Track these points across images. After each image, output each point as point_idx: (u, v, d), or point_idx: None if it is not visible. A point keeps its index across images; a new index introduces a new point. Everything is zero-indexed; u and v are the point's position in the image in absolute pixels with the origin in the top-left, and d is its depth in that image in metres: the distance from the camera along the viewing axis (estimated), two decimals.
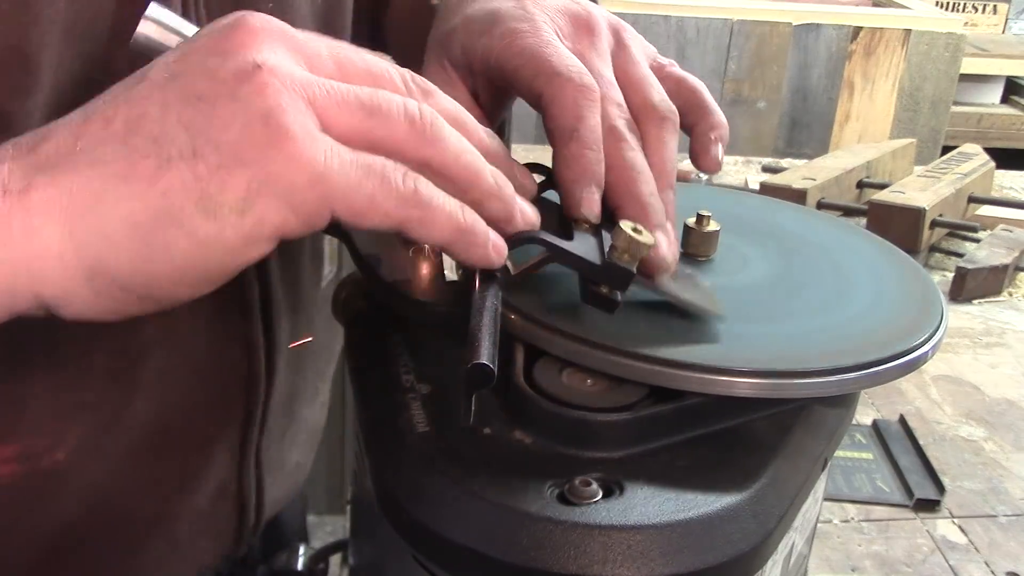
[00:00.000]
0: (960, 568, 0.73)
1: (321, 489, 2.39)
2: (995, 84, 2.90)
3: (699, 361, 0.44)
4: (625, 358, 0.44)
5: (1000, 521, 0.79)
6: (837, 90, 2.20)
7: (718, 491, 0.41)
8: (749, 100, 2.18)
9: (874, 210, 1.23)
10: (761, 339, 0.48)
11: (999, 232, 1.27)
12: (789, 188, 1.26)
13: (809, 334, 0.49)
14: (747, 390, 0.44)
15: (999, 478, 0.85)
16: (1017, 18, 3.24)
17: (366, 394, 0.48)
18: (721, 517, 0.39)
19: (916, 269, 0.57)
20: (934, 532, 0.77)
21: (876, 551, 0.75)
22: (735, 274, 0.54)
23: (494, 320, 0.42)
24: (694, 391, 0.44)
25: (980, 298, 1.18)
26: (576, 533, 0.38)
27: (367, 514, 0.50)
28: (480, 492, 0.39)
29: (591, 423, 0.42)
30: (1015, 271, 1.21)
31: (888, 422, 0.91)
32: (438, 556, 0.41)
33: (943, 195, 1.26)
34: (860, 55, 2.18)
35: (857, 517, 0.79)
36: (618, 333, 0.46)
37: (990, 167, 1.43)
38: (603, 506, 0.39)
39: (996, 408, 0.96)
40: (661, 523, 0.38)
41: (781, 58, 2.16)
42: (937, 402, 0.96)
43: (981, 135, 2.68)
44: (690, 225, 0.55)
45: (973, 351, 1.06)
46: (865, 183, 1.39)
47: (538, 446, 0.43)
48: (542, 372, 0.45)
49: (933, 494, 0.81)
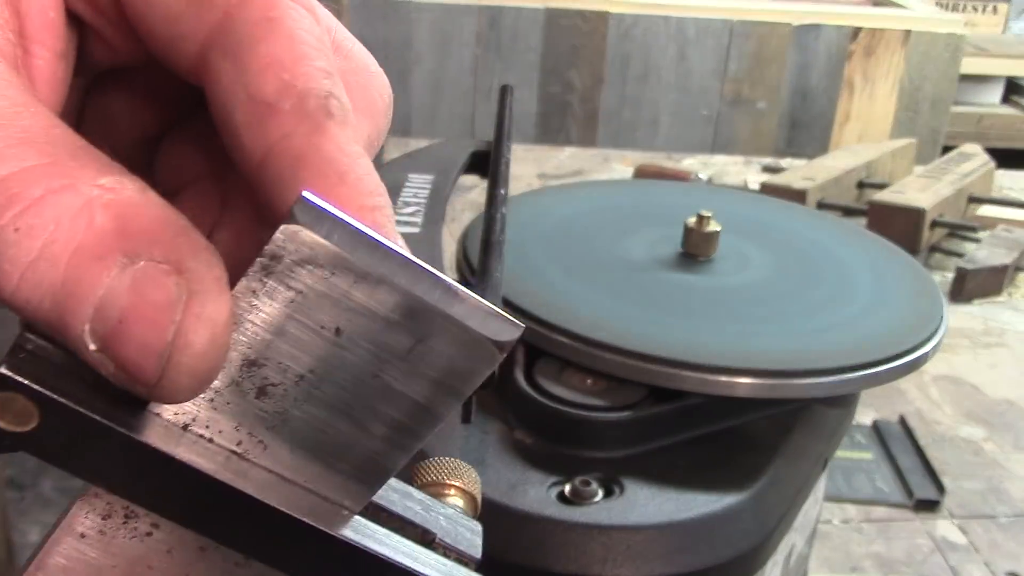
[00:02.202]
0: (960, 568, 0.73)
1: None
2: (995, 84, 2.90)
3: (699, 361, 0.44)
4: (625, 358, 0.44)
5: (1000, 521, 0.79)
6: (837, 90, 2.20)
7: (718, 491, 0.41)
8: (749, 100, 2.18)
9: (874, 210, 1.24)
10: (761, 339, 0.48)
11: (999, 232, 1.27)
12: (789, 188, 1.26)
13: (809, 334, 0.49)
14: (747, 390, 0.44)
15: (999, 478, 0.85)
16: (1017, 18, 3.24)
17: None
18: (721, 517, 0.39)
19: (916, 269, 0.57)
20: (934, 532, 0.77)
21: (876, 551, 0.75)
22: (735, 274, 0.54)
23: None
24: (694, 391, 0.44)
25: (980, 298, 1.18)
26: (576, 533, 0.38)
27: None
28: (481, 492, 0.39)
29: (591, 423, 0.42)
30: (1015, 271, 1.21)
31: (888, 422, 0.91)
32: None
33: (943, 195, 1.26)
34: (860, 55, 2.18)
35: (857, 517, 0.79)
36: (620, 333, 0.46)
37: (990, 167, 1.43)
38: (603, 506, 0.39)
39: (996, 408, 0.96)
40: (661, 523, 0.39)
41: (781, 58, 2.16)
42: (937, 402, 0.96)
43: (981, 135, 2.67)
44: (690, 225, 0.55)
45: (973, 351, 1.06)
46: (865, 183, 1.39)
47: (538, 446, 0.43)
48: (542, 372, 0.45)
49: (933, 494, 0.81)
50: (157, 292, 0.18)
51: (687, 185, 1.19)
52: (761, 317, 0.51)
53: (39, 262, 0.18)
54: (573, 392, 0.44)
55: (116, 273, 0.18)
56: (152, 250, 0.18)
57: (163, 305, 0.18)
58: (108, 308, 0.18)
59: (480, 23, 2.02)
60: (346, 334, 0.20)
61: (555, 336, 0.46)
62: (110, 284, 0.18)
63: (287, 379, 0.21)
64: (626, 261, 0.55)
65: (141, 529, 0.21)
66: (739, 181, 1.48)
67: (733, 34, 2.13)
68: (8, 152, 0.18)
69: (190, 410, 0.21)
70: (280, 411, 0.21)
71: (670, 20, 2.11)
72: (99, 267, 0.18)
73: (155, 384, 0.18)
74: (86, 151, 0.19)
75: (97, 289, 0.18)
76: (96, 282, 0.18)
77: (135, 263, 0.18)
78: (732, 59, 2.15)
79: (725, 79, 2.16)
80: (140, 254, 0.18)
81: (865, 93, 2.21)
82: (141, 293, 0.18)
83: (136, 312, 0.18)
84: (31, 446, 0.19)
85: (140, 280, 0.18)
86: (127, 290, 0.18)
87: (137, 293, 0.18)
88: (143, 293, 0.18)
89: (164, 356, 0.18)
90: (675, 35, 2.12)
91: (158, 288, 0.18)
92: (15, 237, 0.17)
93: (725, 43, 2.14)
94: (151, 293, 0.18)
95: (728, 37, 2.13)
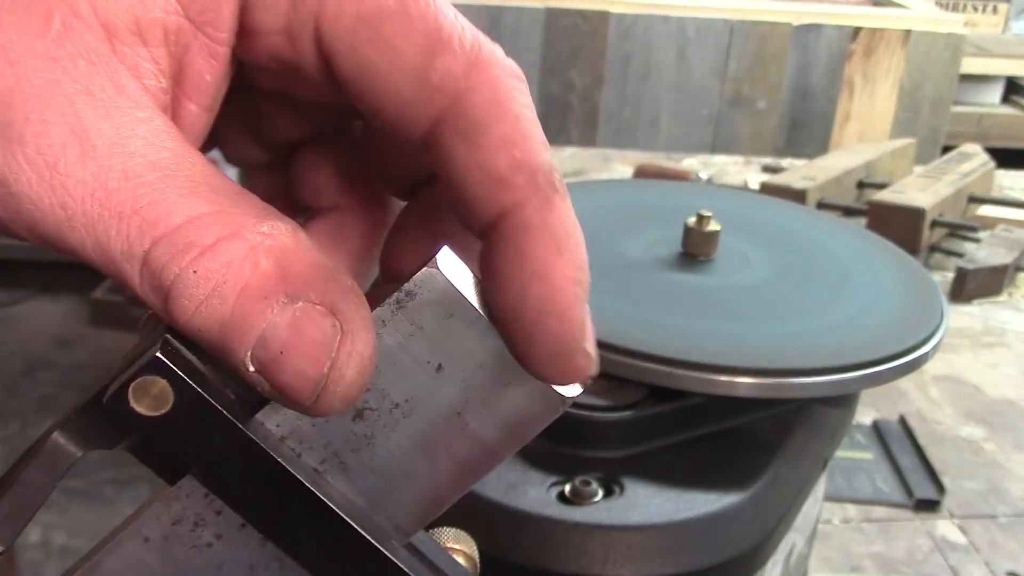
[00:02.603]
0: (960, 568, 0.73)
1: None
2: (995, 84, 2.90)
3: (699, 361, 0.44)
4: (625, 358, 0.44)
5: (1000, 521, 0.79)
6: (837, 90, 2.20)
7: (718, 491, 0.41)
8: (749, 100, 2.18)
9: (874, 210, 1.24)
10: (761, 339, 0.48)
11: (999, 232, 1.27)
12: (789, 188, 1.26)
13: (809, 334, 0.49)
14: (747, 390, 0.44)
15: (999, 478, 0.85)
16: (1017, 18, 3.24)
17: None
18: (721, 517, 0.40)
19: (917, 269, 0.57)
20: (934, 532, 0.77)
21: (876, 551, 0.75)
22: (735, 274, 0.54)
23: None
24: (694, 391, 0.44)
25: (980, 298, 1.18)
26: (576, 533, 0.38)
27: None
28: (481, 492, 0.39)
29: (591, 423, 0.42)
30: (1015, 271, 1.21)
31: (888, 422, 0.91)
32: None
33: (943, 195, 1.26)
34: (860, 55, 2.19)
35: (857, 517, 0.79)
36: (620, 333, 0.46)
37: (990, 167, 1.43)
38: (603, 506, 0.39)
39: (996, 408, 0.96)
40: (661, 523, 0.39)
41: (781, 58, 2.16)
42: (937, 402, 0.96)
43: (981, 135, 2.68)
44: (690, 225, 0.55)
45: (973, 351, 1.06)
46: (865, 183, 1.39)
47: (538, 446, 0.43)
48: None
49: (933, 494, 0.81)
50: (315, 331, 0.21)
51: (687, 185, 1.19)
52: (761, 317, 0.51)
53: (212, 299, 0.21)
54: None
55: (277, 311, 0.21)
56: (309, 292, 0.21)
57: (320, 343, 0.21)
58: (270, 340, 0.21)
59: (480, 23, 2.02)
60: (445, 371, 0.23)
61: None
62: (272, 320, 0.21)
63: (383, 406, 0.23)
64: (626, 261, 0.55)
65: (204, 539, 0.23)
66: (739, 181, 1.48)
67: (733, 34, 2.13)
68: (181, 202, 0.21)
69: (291, 424, 0.23)
70: (368, 435, 0.23)
71: (670, 20, 2.11)
72: (263, 305, 0.21)
73: (309, 405, 0.22)
74: (244, 197, 0.22)
75: (261, 323, 0.21)
76: (260, 318, 0.21)
77: (294, 303, 0.21)
78: (732, 59, 2.15)
79: (725, 79, 2.16)
80: (299, 296, 0.21)
81: (865, 93, 2.21)
82: (300, 330, 0.21)
83: (296, 347, 0.21)
84: (157, 431, 0.22)
85: (300, 319, 0.21)
86: (287, 326, 0.21)
87: (297, 330, 0.21)
88: (302, 331, 0.21)
89: (319, 384, 0.21)
90: (675, 35, 2.12)
91: (316, 328, 0.21)
92: (194, 279, 0.21)
93: (725, 43, 2.14)
94: (310, 331, 0.21)
95: (728, 37, 2.13)
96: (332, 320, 0.21)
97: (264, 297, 0.21)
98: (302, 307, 0.21)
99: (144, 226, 0.21)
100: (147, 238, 0.21)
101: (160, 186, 0.21)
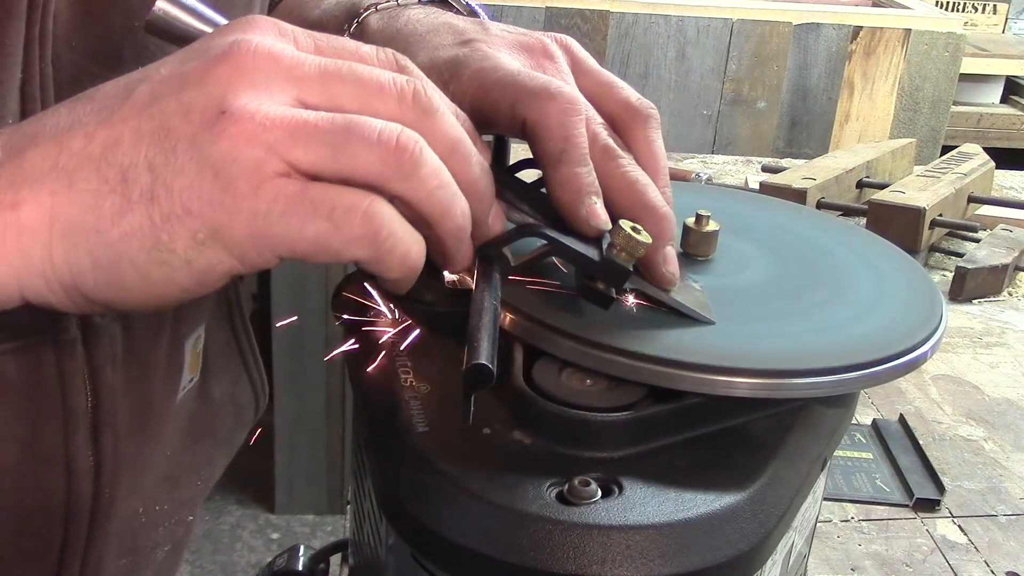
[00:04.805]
0: (960, 568, 0.73)
1: (321, 489, 2.38)
2: (995, 84, 2.90)
3: (699, 361, 0.44)
4: (625, 358, 0.44)
5: (1000, 521, 0.79)
6: (837, 90, 2.20)
7: (718, 491, 0.41)
8: (749, 100, 2.18)
9: (874, 210, 1.23)
10: (761, 339, 0.48)
11: (999, 232, 1.27)
12: (789, 188, 1.26)
13: (809, 334, 0.49)
14: (747, 390, 0.44)
15: (999, 478, 0.85)
16: (1017, 18, 3.24)
17: (366, 394, 0.48)
18: (721, 517, 0.39)
19: (916, 269, 0.57)
20: (934, 532, 0.77)
21: (876, 551, 0.75)
22: (735, 274, 0.54)
23: (493, 320, 0.42)
24: (693, 391, 0.44)
25: (980, 298, 1.17)
26: (575, 533, 0.38)
27: (367, 514, 0.50)
28: (480, 492, 0.39)
29: (591, 423, 0.42)
30: (1015, 271, 1.21)
31: (888, 422, 0.91)
32: (438, 556, 0.41)
33: (943, 195, 1.26)
34: (860, 55, 2.18)
35: (857, 517, 0.79)
36: (618, 333, 0.46)
37: (990, 167, 1.43)
38: (602, 506, 0.39)
39: (996, 408, 0.96)
40: (661, 523, 0.38)
41: (781, 58, 2.16)
42: (937, 402, 0.96)
43: (981, 135, 2.68)
44: (690, 225, 0.55)
45: (973, 351, 1.06)
46: (865, 183, 1.39)
47: (538, 446, 0.43)
48: (542, 372, 0.45)
49: (933, 494, 0.81)
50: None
51: (687, 184, 1.19)
52: (760, 317, 0.51)
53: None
54: (572, 392, 0.44)
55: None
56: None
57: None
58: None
59: None
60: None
61: (554, 336, 0.46)
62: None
63: None
64: None
65: None
66: (739, 181, 1.48)
67: (733, 34, 2.13)
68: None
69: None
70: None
71: (670, 20, 2.11)
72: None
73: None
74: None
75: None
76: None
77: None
78: (732, 59, 2.15)
79: (725, 79, 2.16)
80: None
81: (865, 93, 2.21)
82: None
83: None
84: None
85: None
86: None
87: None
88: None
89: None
90: (675, 35, 2.12)
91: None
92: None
93: (725, 43, 2.14)
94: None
95: (728, 37, 2.13)
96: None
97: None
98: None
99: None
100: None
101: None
